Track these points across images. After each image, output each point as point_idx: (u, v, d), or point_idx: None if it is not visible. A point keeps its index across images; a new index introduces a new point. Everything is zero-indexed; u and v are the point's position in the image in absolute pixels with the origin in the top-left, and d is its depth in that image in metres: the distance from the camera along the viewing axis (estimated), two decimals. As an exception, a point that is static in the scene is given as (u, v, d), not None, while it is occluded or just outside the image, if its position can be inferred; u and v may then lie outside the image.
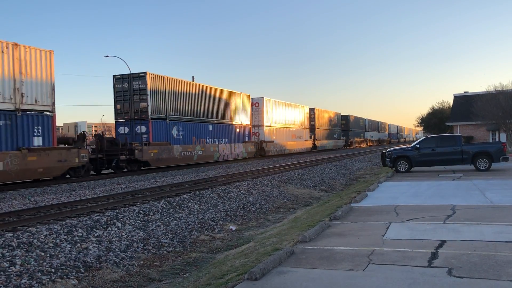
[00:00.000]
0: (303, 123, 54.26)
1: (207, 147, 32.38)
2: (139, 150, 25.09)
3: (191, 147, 30.31)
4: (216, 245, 9.94)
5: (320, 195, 18.39)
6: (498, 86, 41.74)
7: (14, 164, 18.03)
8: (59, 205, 12.85)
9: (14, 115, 18.75)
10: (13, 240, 8.64)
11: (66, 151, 21.00)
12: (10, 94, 18.63)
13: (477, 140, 45.48)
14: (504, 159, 19.24)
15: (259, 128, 42.54)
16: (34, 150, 19.15)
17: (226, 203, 14.69)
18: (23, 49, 19.27)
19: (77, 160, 21.48)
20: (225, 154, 34.97)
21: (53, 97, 20.78)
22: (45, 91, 20.34)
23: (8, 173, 17.81)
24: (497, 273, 5.24)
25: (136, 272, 7.97)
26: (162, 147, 27.12)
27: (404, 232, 7.72)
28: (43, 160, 19.49)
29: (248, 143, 39.25)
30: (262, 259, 6.55)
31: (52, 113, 20.69)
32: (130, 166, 25.78)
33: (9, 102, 18.55)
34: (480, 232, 7.39)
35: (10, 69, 18.67)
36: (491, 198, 11.28)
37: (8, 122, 18.44)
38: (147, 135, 26.93)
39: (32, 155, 18.89)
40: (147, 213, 12.05)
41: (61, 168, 20.73)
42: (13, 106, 18.75)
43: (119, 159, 24.98)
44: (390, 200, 11.62)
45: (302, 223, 9.96)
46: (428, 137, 21.75)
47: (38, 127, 19.86)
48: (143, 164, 26.24)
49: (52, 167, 20.01)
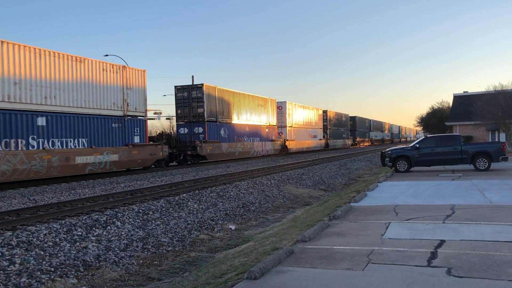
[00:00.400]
0: (318, 123, 59.81)
1: (245, 145, 39.07)
2: (199, 147, 31.57)
3: (234, 145, 37.00)
4: (215, 245, 9.95)
5: (319, 194, 18.39)
6: (497, 86, 41.79)
7: (124, 156, 24.62)
8: (58, 204, 12.85)
9: (123, 119, 25.20)
10: (12, 239, 8.64)
11: (155, 146, 27.46)
12: (121, 104, 25.19)
13: (477, 140, 45.51)
14: (504, 159, 19.25)
15: (282, 128, 48.30)
16: (136, 146, 25.68)
17: (226, 202, 14.70)
18: (128, 70, 26.00)
19: (161, 154, 27.94)
20: (258, 151, 41.40)
21: (146, 105, 27.43)
22: (141, 100, 26.93)
23: (121, 162, 24.31)
24: (496, 272, 5.25)
25: (135, 271, 7.98)
26: (215, 145, 33.75)
27: (404, 231, 7.72)
28: (141, 153, 26.04)
29: (275, 141, 45.85)
30: (261, 258, 6.56)
31: (144, 118, 27.24)
32: (193, 159, 32.16)
33: (120, 110, 25.09)
34: (479, 232, 7.39)
35: (120, 85, 25.19)
36: (490, 198, 11.29)
37: (120, 125, 24.92)
38: (203, 134, 33.08)
39: (134, 149, 25.47)
40: (147, 212, 12.05)
41: (152, 159, 27.17)
42: (122, 113, 25.23)
43: (186, 153, 31.56)
44: (390, 200, 11.62)
45: (301, 223, 9.96)
46: (427, 137, 21.75)
47: (137, 129, 26.45)
48: (201, 158, 32.66)
49: (146, 158, 26.66)
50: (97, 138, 23.33)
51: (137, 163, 25.89)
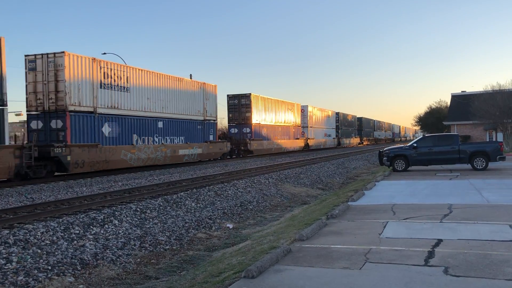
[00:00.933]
0: (332, 124, 67.69)
1: (279, 142, 47.47)
2: (249, 144, 40.00)
3: (271, 142, 45.41)
4: (213, 243, 9.95)
5: (317, 193, 18.41)
6: (495, 86, 41.88)
7: (205, 150, 33.00)
8: (56, 202, 12.83)
9: (203, 123, 33.58)
10: (9, 237, 8.62)
11: (222, 143, 36.08)
12: (202, 111, 33.57)
13: (474, 139, 45.60)
14: (501, 158, 19.29)
15: (304, 128, 56.32)
16: (211, 143, 34.29)
17: (224, 201, 14.69)
18: (206, 85, 34.38)
19: (226, 149, 36.56)
20: (287, 147, 49.81)
21: (216, 111, 35.92)
22: (213, 108, 35.41)
23: (202, 154, 32.75)
24: (493, 272, 5.26)
25: (133, 270, 7.97)
26: (259, 142, 42.10)
27: (401, 231, 7.74)
28: (215, 148, 34.66)
29: (300, 139, 53.98)
30: (259, 257, 6.56)
31: (216, 121, 35.96)
32: (244, 153, 40.05)
33: (202, 116, 33.47)
34: (476, 231, 7.41)
35: (202, 97, 33.67)
36: (487, 197, 11.31)
37: (201, 127, 33.27)
38: (250, 134, 41.26)
39: (211, 145, 34.02)
40: (144, 211, 12.04)
41: (220, 153, 35.74)
42: (203, 118, 33.59)
43: (239, 149, 39.85)
44: (387, 199, 11.64)
45: (299, 222, 9.97)
46: (425, 136, 21.79)
47: (212, 129, 34.85)
48: (249, 153, 40.40)
49: (217, 152, 35.12)
50: (189, 136, 31.61)
51: (211, 155, 34.40)
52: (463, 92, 53.18)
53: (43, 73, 21.60)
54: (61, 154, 20.42)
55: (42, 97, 21.71)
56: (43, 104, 21.73)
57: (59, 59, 21.34)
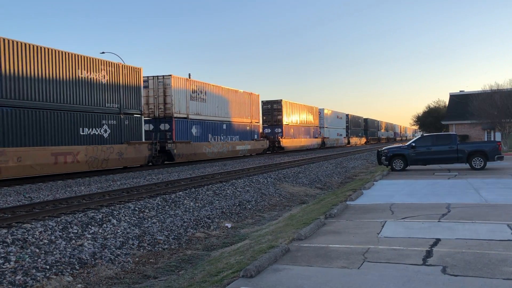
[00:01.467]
0: (342, 124, 75.80)
1: (303, 140, 55.89)
2: (281, 141, 48.50)
3: (297, 140, 53.90)
4: (211, 243, 9.94)
5: (315, 193, 18.41)
6: (493, 86, 41.93)
7: (252, 146, 41.60)
8: (54, 202, 12.80)
9: (250, 125, 42.00)
10: (7, 236, 8.61)
11: (263, 141, 45.00)
12: (249, 116, 42.11)
13: (473, 139, 45.67)
14: (499, 158, 19.32)
15: (321, 128, 64.48)
16: (257, 141, 43.01)
17: (222, 200, 14.69)
18: (252, 94, 42.54)
19: (266, 146, 45.16)
20: (308, 145, 57.91)
21: (259, 116, 45.14)
22: (257, 113, 44.13)
23: (250, 150, 41.15)
24: (491, 271, 5.27)
25: (131, 269, 7.96)
26: (289, 140, 51.02)
27: (399, 230, 7.75)
28: (259, 145, 43.53)
29: (318, 138, 62.35)
30: (257, 256, 6.56)
31: (258, 123, 44.77)
32: (277, 149, 48.64)
33: (249, 119, 41.82)
34: (474, 231, 7.42)
35: (249, 105, 41.97)
36: (486, 196, 11.34)
37: (249, 128, 41.66)
38: (281, 133, 49.45)
39: (256, 143, 42.72)
40: (143, 210, 12.03)
41: (262, 149, 44.35)
42: (250, 121, 42.13)
43: (274, 145, 48.17)
44: (386, 199, 11.65)
45: (297, 221, 9.97)
46: (423, 136, 21.81)
47: (256, 130, 43.62)
48: (281, 149, 48.75)
49: (260, 148, 43.82)
50: (242, 136, 40.05)
51: (256, 150, 42.88)
52: (462, 92, 53.23)
53: (154, 90, 30.13)
54: (171, 148, 28.86)
55: (153, 107, 30.13)
56: (154, 112, 30.12)
57: (167, 80, 29.87)
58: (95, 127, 22.91)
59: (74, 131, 21.56)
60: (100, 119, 23.25)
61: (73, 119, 21.49)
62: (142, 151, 25.85)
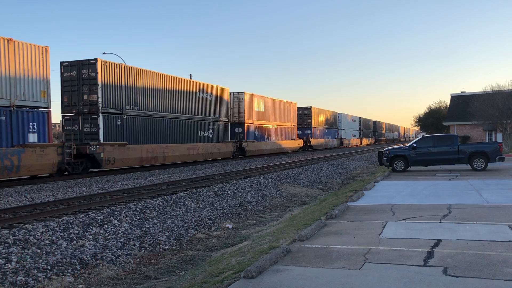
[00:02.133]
0: (356, 126, 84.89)
1: (327, 141, 65.03)
2: (311, 141, 57.36)
3: (322, 140, 62.40)
4: (212, 243, 9.95)
5: (316, 193, 18.41)
6: (495, 86, 41.87)
7: (293, 144, 51.77)
8: (55, 202, 12.83)
9: (290, 127, 51.94)
10: (9, 237, 8.62)
11: (300, 140, 53.64)
12: (289, 120, 51.50)
13: (474, 140, 45.61)
14: (500, 159, 19.30)
15: (339, 130, 73.34)
16: (294, 140, 52.18)
17: (223, 201, 14.69)
18: (292, 104, 52.28)
19: (301, 144, 53.89)
20: (331, 145, 66.74)
21: (296, 120, 54.30)
22: (295, 118, 53.57)
23: (291, 148, 51.58)
24: (492, 272, 5.27)
25: (132, 270, 7.97)
26: (317, 140, 60.04)
27: (400, 231, 7.74)
28: (296, 143, 52.85)
29: (337, 139, 70.70)
30: (258, 257, 6.56)
31: (296, 126, 54.12)
32: (308, 148, 57.30)
33: (289, 123, 51.61)
34: (475, 232, 7.42)
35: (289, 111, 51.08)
36: (487, 197, 11.33)
37: (290, 130, 51.53)
38: (311, 134, 58.18)
39: (295, 142, 52.69)
40: (144, 211, 12.04)
41: (299, 147, 53.85)
42: (290, 124, 51.55)
43: (306, 145, 56.96)
44: (387, 199, 11.65)
45: (298, 222, 9.97)
46: (425, 137, 21.80)
47: (294, 132, 53.07)
48: (311, 148, 57.53)
49: (297, 146, 53.08)
50: (285, 136, 49.79)
51: (295, 148, 52.04)
52: (463, 93, 53.16)
53: (230, 102, 39.38)
54: (245, 146, 39.27)
55: (230, 116, 39.36)
56: (230, 120, 39.09)
57: (241, 95, 41.28)
58: (205, 130, 33.94)
59: (196, 133, 32.58)
60: (208, 125, 34.28)
61: (195, 125, 32.53)
62: (229, 147, 36.82)
